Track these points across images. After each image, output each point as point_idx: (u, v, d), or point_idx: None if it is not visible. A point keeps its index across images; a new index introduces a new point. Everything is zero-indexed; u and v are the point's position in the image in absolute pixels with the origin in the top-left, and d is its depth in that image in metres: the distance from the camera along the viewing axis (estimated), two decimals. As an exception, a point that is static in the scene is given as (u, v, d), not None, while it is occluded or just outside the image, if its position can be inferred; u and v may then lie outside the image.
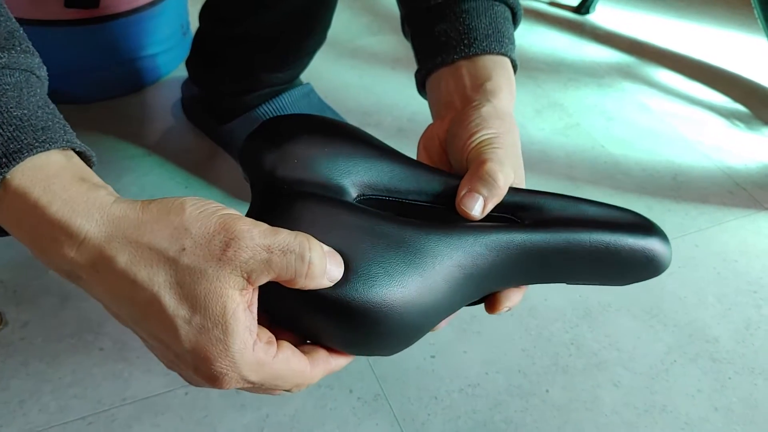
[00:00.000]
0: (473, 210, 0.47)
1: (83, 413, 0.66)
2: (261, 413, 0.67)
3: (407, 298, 0.43)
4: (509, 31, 0.57)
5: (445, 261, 0.45)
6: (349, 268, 0.42)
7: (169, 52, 1.09)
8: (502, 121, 0.51)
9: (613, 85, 1.20)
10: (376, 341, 0.44)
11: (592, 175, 1.00)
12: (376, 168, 0.48)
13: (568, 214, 0.48)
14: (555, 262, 0.48)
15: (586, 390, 0.72)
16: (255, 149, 0.49)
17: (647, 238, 0.48)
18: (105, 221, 0.37)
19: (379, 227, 0.44)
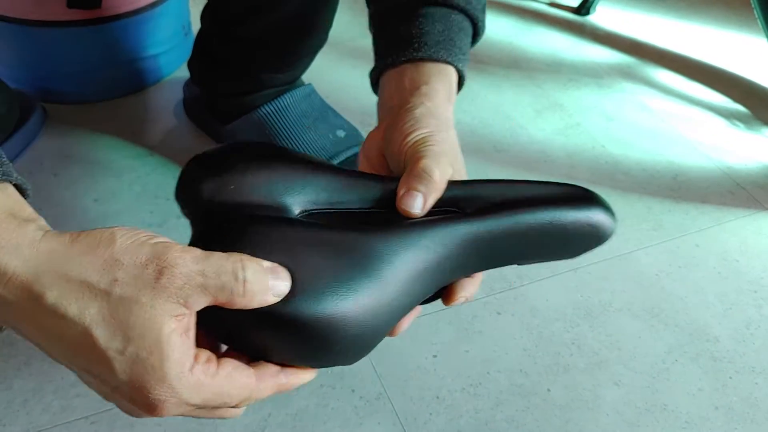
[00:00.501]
0: (414, 208, 0.47)
1: (86, 413, 0.66)
2: (263, 413, 0.67)
3: (359, 305, 0.42)
4: (462, 41, 0.58)
5: (393, 261, 0.44)
6: (297, 282, 0.41)
7: (171, 52, 1.09)
8: (437, 120, 0.52)
9: (614, 85, 1.21)
10: (333, 352, 0.44)
11: (593, 175, 1.00)
12: (314, 184, 0.48)
13: (508, 197, 0.49)
14: (502, 245, 0.48)
15: (587, 389, 0.73)
16: (190, 181, 0.48)
17: (589, 208, 0.49)
18: (33, 257, 0.36)
19: (322, 237, 0.44)
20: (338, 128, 0.90)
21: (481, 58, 1.23)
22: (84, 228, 0.79)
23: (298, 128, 0.88)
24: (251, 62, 0.87)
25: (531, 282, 0.84)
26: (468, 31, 0.59)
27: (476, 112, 1.10)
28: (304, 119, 0.88)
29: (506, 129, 1.07)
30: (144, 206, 0.87)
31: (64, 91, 1.03)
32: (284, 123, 0.87)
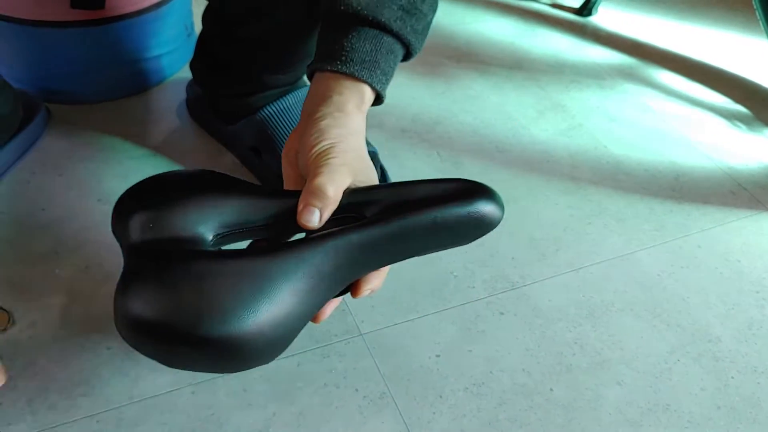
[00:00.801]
0: (311, 222, 0.54)
1: (91, 411, 0.67)
2: (267, 411, 0.68)
3: (258, 322, 0.49)
4: (387, 63, 0.62)
5: (290, 278, 0.51)
6: (204, 309, 0.48)
7: (174, 53, 1.09)
8: (339, 129, 0.57)
9: (615, 86, 1.21)
10: (243, 361, 0.52)
11: (595, 176, 1.01)
12: (224, 209, 0.55)
13: (399, 200, 0.55)
14: (395, 246, 0.55)
15: (590, 389, 0.73)
16: (116, 220, 0.56)
17: (472, 202, 0.55)
18: None
19: (225, 267, 0.50)
20: (341, 129, 0.90)
21: (483, 59, 1.23)
22: (90, 228, 0.81)
23: (300, 129, 0.88)
24: (252, 63, 0.87)
25: (533, 282, 0.84)
26: (398, 52, 0.64)
27: (478, 113, 1.11)
28: (306, 120, 0.89)
29: (508, 129, 1.08)
30: (148, 206, 0.87)
31: (68, 91, 1.03)
32: (287, 123, 0.87)
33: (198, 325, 0.48)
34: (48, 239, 0.82)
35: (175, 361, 0.53)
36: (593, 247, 0.89)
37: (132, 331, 0.50)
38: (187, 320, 0.48)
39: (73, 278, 0.78)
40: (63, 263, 0.80)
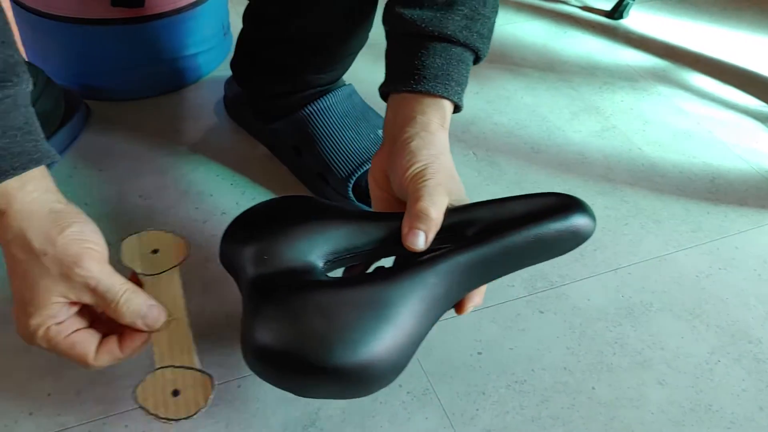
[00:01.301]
0: (417, 245, 0.55)
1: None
2: (313, 406, 0.68)
3: (385, 348, 0.51)
4: (459, 73, 0.63)
5: (408, 302, 0.53)
6: (334, 339, 0.50)
7: (210, 52, 1.11)
8: (429, 150, 0.58)
9: (648, 88, 1.21)
10: (370, 387, 0.54)
11: (630, 177, 1.01)
12: (330, 236, 0.57)
13: (498, 218, 0.56)
14: (498, 264, 0.57)
15: (632, 388, 0.73)
16: (228, 256, 0.59)
17: (568, 217, 0.56)
18: (23, 204, 0.53)
19: (347, 296, 0.52)
20: (379, 128, 0.91)
21: (515, 61, 1.24)
22: (132, 223, 0.82)
23: (339, 128, 0.88)
24: (293, 63, 0.88)
25: (572, 282, 0.84)
26: (468, 60, 0.65)
27: (512, 114, 1.11)
28: (345, 119, 0.89)
29: (543, 130, 1.08)
30: (189, 203, 0.88)
31: (107, 88, 1.04)
32: (326, 123, 0.88)
33: (330, 355, 0.50)
34: (91, 234, 0.83)
35: (307, 391, 0.55)
36: (630, 247, 0.89)
37: (264, 365, 0.53)
38: (320, 351, 0.50)
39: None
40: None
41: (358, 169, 0.86)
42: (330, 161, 0.87)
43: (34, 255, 0.53)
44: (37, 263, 0.53)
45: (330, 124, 0.88)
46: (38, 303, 0.53)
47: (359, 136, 0.88)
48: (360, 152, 0.87)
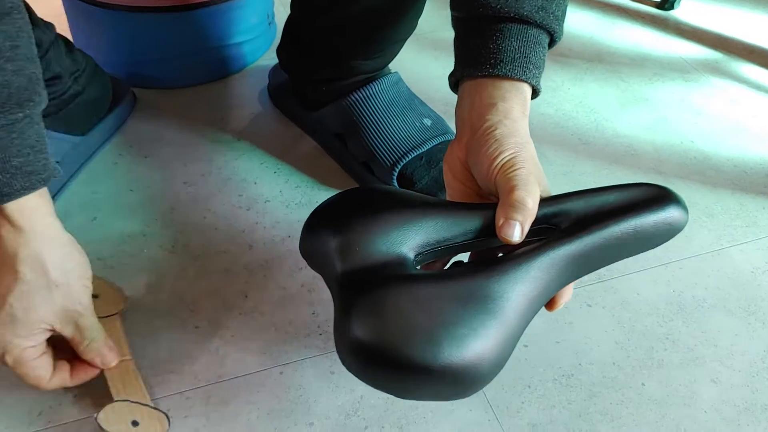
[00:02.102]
0: (513, 236, 0.52)
1: (180, 389, 0.67)
2: (355, 395, 0.67)
3: (492, 344, 0.48)
4: (537, 56, 0.60)
5: (511, 298, 0.50)
6: (442, 336, 0.47)
7: (255, 41, 1.10)
8: (516, 138, 0.55)
9: (700, 80, 1.17)
10: (473, 387, 0.50)
11: (682, 170, 0.98)
12: (420, 227, 0.53)
13: (593, 210, 0.54)
14: (595, 258, 0.54)
15: (683, 385, 0.71)
16: (311, 249, 0.56)
17: (665, 208, 0.54)
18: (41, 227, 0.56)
19: (450, 290, 0.49)
20: (425, 117, 0.90)
21: (563, 51, 1.21)
22: (176, 210, 0.82)
23: (385, 116, 0.87)
24: (339, 49, 0.87)
25: (621, 275, 0.82)
26: (544, 42, 0.61)
27: (559, 105, 1.09)
28: (391, 107, 0.88)
29: (591, 122, 1.05)
30: (233, 190, 0.88)
31: (154, 76, 1.04)
32: (371, 110, 0.87)
33: (438, 352, 0.46)
34: (136, 219, 0.84)
35: (409, 391, 0.51)
36: (682, 242, 0.87)
37: (365, 364, 0.49)
38: (427, 348, 0.46)
39: (161, 258, 0.80)
40: (150, 243, 0.81)
41: (404, 157, 0.85)
42: (375, 149, 0.86)
43: (46, 282, 0.56)
44: (45, 290, 0.56)
45: (375, 111, 0.87)
46: (30, 327, 0.57)
47: (405, 125, 0.87)
48: (405, 141, 0.86)
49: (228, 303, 0.75)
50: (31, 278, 0.56)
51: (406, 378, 0.48)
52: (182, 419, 0.65)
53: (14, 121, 0.53)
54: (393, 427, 0.65)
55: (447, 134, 0.89)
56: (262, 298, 0.76)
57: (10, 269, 0.55)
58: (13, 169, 0.53)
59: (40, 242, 0.56)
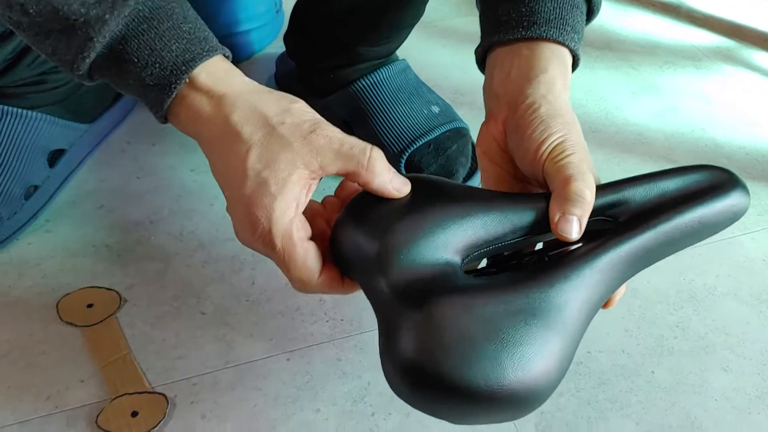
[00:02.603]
0: (572, 233, 0.47)
1: (188, 374, 0.67)
2: (362, 381, 0.67)
3: (556, 359, 0.44)
4: (575, 19, 0.55)
5: (575, 306, 0.46)
6: (502, 358, 0.42)
7: (263, 29, 1.10)
8: (563, 117, 0.51)
9: (712, 68, 1.16)
10: (530, 409, 0.45)
11: (693, 158, 0.97)
12: (470, 226, 0.48)
13: (654, 200, 0.50)
14: (658, 252, 0.50)
15: (693, 373, 0.70)
16: (349, 253, 0.49)
17: (730, 194, 0.50)
18: (238, 89, 0.49)
19: (507, 305, 0.44)
20: (432, 104, 0.89)
21: (573, 39, 1.20)
22: (183, 197, 0.82)
23: (392, 103, 0.87)
24: (346, 35, 0.86)
25: (631, 263, 0.81)
26: (582, 8, 0.57)
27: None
28: (399, 94, 0.88)
29: (601, 110, 1.04)
30: (240, 177, 0.88)
31: (161, 64, 1.04)
32: (379, 98, 0.87)
33: (503, 377, 0.42)
34: (143, 206, 0.83)
35: (468, 416, 0.46)
36: (693, 230, 0.86)
37: (420, 390, 0.44)
38: (490, 374, 0.42)
39: (168, 245, 0.79)
40: (157, 230, 0.81)
41: (411, 145, 0.84)
42: (382, 137, 0.85)
43: (271, 127, 0.47)
44: (274, 136, 0.47)
45: (382, 98, 0.86)
46: (283, 178, 0.46)
47: (412, 112, 0.86)
48: (413, 128, 0.85)
49: (235, 290, 0.75)
50: (253, 137, 0.47)
51: (465, 403, 0.43)
52: (189, 405, 0.65)
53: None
54: (399, 413, 0.65)
55: (455, 122, 0.88)
56: (270, 285, 0.75)
57: (231, 139, 0.48)
58: (187, 35, 0.48)
59: (248, 97, 0.49)
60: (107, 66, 0.49)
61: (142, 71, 0.48)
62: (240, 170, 0.47)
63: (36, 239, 0.79)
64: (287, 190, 0.46)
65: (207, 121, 0.48)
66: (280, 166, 0.46)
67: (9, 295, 0.73)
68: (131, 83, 0.49)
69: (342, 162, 0.48)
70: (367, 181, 0.48)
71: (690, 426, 0.66)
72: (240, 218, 0.48)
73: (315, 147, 0.47)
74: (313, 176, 0.48)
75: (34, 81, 0.80)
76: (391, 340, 0.44)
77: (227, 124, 0.48)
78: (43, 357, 0.67)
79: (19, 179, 0.77)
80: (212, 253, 0.78)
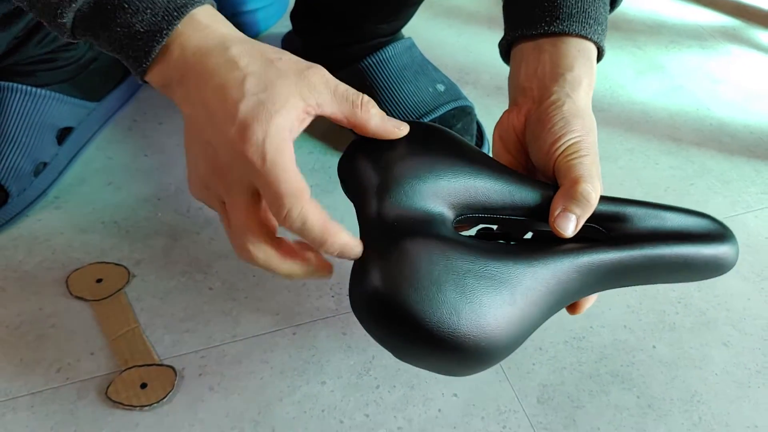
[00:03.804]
0: (567, 230, 0.49)
1: (195, 347, 0.68)
2: (367, 355, 0.68)
3: (509, 333, 0.46)
4: (597, 11, 0.55)
5: (542, 290, 0.48)
6: (463, 312, 0.45)
7: (269, 8, 1.10)
8: (583, 120, 0.52)
9: (718, 47, 1.16)
10: (471, 369, 0.48)
11: (697, 137, 0.97)
12: (474, 185, 0.50)
13: (649, 226, 0.52)
14: (637, 274, 0.52)
15: (694, 348, 0.71)
16: (355, 175, 0.50)
17: (720, 245, 0.52)
18: (237, 32, 0.49)
19: (483, 268, 0.46)
20: (438, 82, 0.90)
21: (578, 19, 1.20)
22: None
23: (398, 81, 0.87)
24: (353, 12, 0.87)
25: (634, 241, 0.82)
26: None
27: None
28: (404, 72, 0.88)
29: (605, 89, 1.05)
30: (246, 154, 0.88)
31: (167, 43, 1.05)
32: (385, 75, 0.87)
33: (458, 327, 0.44)
34: (150, 183, 0.84)
35: (414, 356, 0.48)
36: (696, 207, 0.85)
37: (375, 315, 0.46)
38: (446, 321, 0.44)
39: (175, 221, 0.80)
40: (165, 207, 0.82)
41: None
42: (388, 114, 0.86)
43: (269, 60, 0.46)
44: (272, 68, 0.46)
45: (389, 76, 0.87)
46: (281, 102, 0.45)
47: (418, 90, 0.87)
48: (419, 106, 0.86)
49: (242, 265, 0.76)
50: (252, 64, 0.46)
51: (416, 340, 0.45)
52: (197, 377, 0.66)
53: None
54: (404, 386, 0.66)
55: (460, 100, 0.88)
56: (276, 260, 0.76)
57: (227, 67, 0.46)
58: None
59: (244, 38, 0.48)
60: (93, 14, 0.47)
61: (132, 17, 0.46)
62: (236, 95, 0.45)
63: (45, 215, 0.80)
64: (285, 111, 0.45)
65: (201, 56, 0.47)
66: (278, 91, 0.45)
67: (19, 270, 0.74)
68: (117, 32, 0.47)
69: (338, 103, 0.48)
70: (363, 122, 0.49)
71: (690, 399, 0.66)
72: (238, 137, 0.45)
73: (312, 83, 0.47)
74: (308, 110, 0.47)
75: (44, 59, 0.81)
76: (365, 263, 0.46)
77: (224, 56, 0.46)
78: (53, 330, 0.69)
79: (28, 156, 0.78)
80: (219, 229, 0.79)
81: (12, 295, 0.71)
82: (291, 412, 0.64)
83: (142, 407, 0.63)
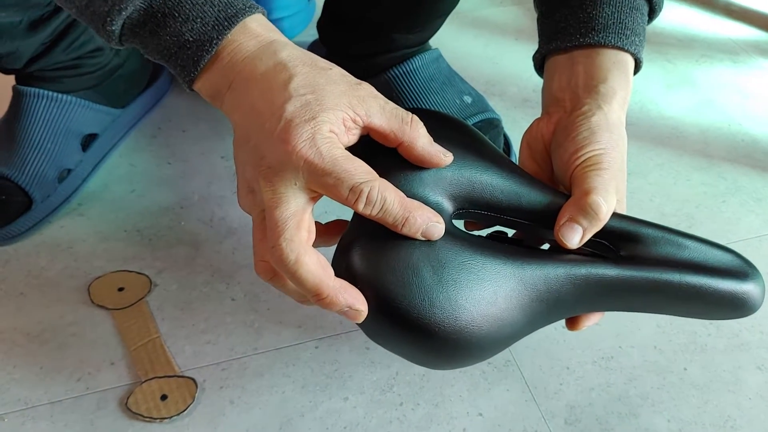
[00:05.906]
0: (571, 241, 0.47)
1: (217, 359, 0.67)
2: (391, 371, 0.67)
3: (487, 334, 0.45)
4: (634, 21, 0.54)
5: (525, 292, 0.46)
6: (435, 296, 0.44)
7: (295, 16, 1.09)
8: (611, 134, 0.50)
9: (749, 62, 1.14)
10: (443, 360, 0.47)
11: (729, 153, 0.95)
12: (477, 181, 0.48)
13: (663, 252, 0.49)
14: (642, 298, 0.49)
15: (727, 371, 0.69)
16: (363, 153, 0.48)
17: (741, 282, 0.48)
18: (285, 38, 0.48)
19: (466, 259, 0.45)
20: (465, 94, 0.88)
21: (607, 31, 1.19)
22: (213, 183, 0.80)
23: (425, 92, 0.86)
24: (381, 21, 0.86)
25: (664, 258, 0.80)
26: (642, 9, 0.56)
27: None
28: (431, 83, 0.87)
29: (635, 103, 1.03)
30: (270, 164, 0.88)
31: (193, 51, 1.04)
32: (411, 86, 0.86)
33: (430, 313, 0.43)
34: (174, 192, 0.84)
35: (382, 338, 0.48)
36: (728, 225, 0.84)
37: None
38: (418, 304, 0.43)
39: (198, 230, 0.79)
40: (188, 216, 0.81)
41: (443, 135, 0.84)
42: (414, 126, 0.85)
43: (319, 68, 0.46)
44: (322, 74, 0.45)
45: (415, 87, 0.85)
46: (328, 106, 0.44)
47: (445, 101, 0.86)
48: (445, 117, 0.85)
49: (264, 276, 0.75)
50: (301, 67, 0.45)
51: (387, 323, 0.45)
52: (218, 390, 0.65)
53: None
54: (428, 404, 0.64)
55: (487, 112, 0.87)
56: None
57: (277, 69, 0.45)
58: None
59: (296, 46, 0.48)
60: (142, 22, 0.46)
61: (182, 26, 0.46)
62: (283, 96, 0.44)
63: (68, 222, 0.79)
64: (332, 113, 0.44)
65: (252, 59, 0.46)
66: (326, 95, 0.44)
67: (41, 277, 0.73)
68: (166, 40, 0.46)
69: (387, 117, 0.46)
70: (412, 140, 0.46)
71: (723, 424, 0.64)
72: (277, 141, 0.44)
73: (361, 95, 0.46)
74: (356, 118, 0.45)
75: (70, 65, 0.81)
76: (349, 243, 0.46)
77: (274, 59, 0.46)
78: (74, 339, 0.68)
79: (52, 162, 0.78)
80: (242, 239, 0.79)
81: (33, 301, 0.71)
82: (313, 428, 0.62)
83: (162, 419, 0.62)
